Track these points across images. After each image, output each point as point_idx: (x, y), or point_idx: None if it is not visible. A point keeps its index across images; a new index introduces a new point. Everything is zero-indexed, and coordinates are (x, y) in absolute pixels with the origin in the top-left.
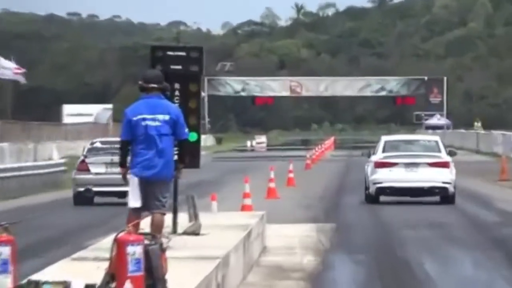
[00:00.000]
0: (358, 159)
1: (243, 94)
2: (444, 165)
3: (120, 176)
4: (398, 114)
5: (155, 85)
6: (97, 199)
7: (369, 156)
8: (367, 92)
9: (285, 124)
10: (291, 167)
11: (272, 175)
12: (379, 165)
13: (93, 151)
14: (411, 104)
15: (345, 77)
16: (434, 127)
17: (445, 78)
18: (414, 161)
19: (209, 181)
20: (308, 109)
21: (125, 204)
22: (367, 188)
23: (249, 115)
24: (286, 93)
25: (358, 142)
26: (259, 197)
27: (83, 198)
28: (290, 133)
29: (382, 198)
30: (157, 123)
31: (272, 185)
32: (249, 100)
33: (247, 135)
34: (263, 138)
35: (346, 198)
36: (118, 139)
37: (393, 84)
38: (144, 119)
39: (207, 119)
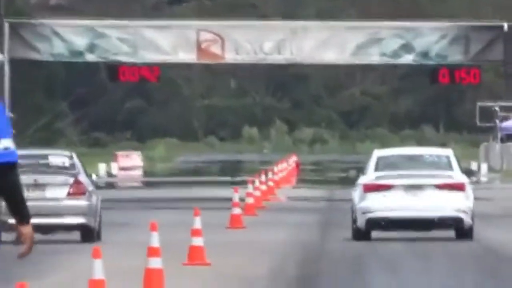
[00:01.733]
0: (348, 204)
1: (91, 58)
2: (458, 187)
3: (48, 204)
4: (442, 105)
5: None
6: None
7: (357, 178)
8: (374, 57)
9: (186, 126)
10: (198, 223)
11: (155, 242)
12: (370, 188)
13: None
14: (472, 83)
15: (324, 21)
16: None
17: None
18: (417, 183)
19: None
20: (239, 95)
21: (50, 242)
22: (354, 221)
23: (105, 106)
24: (188, 56)
25: (351, 166)
26: None
27: None
28: (196, 146)
29: (375, 233)
30: None
31: (154, 262)
32: (106, 71)
33: (101, 150)
34: (135, 158)
35: None
36: (43, 151)
37: (430, 39)
38: None
39: (8, 114)
